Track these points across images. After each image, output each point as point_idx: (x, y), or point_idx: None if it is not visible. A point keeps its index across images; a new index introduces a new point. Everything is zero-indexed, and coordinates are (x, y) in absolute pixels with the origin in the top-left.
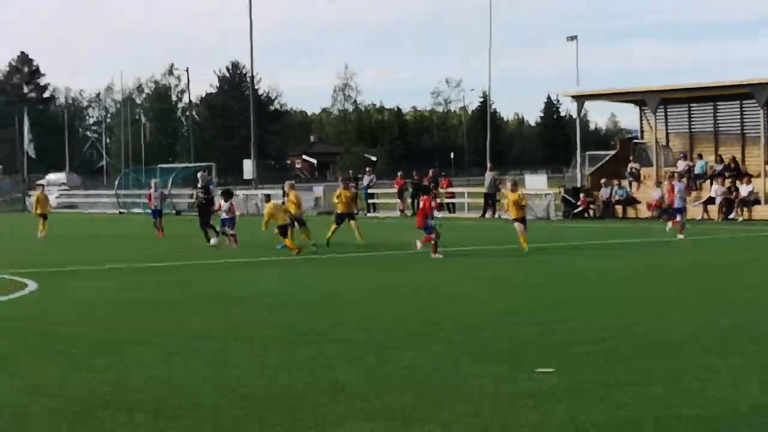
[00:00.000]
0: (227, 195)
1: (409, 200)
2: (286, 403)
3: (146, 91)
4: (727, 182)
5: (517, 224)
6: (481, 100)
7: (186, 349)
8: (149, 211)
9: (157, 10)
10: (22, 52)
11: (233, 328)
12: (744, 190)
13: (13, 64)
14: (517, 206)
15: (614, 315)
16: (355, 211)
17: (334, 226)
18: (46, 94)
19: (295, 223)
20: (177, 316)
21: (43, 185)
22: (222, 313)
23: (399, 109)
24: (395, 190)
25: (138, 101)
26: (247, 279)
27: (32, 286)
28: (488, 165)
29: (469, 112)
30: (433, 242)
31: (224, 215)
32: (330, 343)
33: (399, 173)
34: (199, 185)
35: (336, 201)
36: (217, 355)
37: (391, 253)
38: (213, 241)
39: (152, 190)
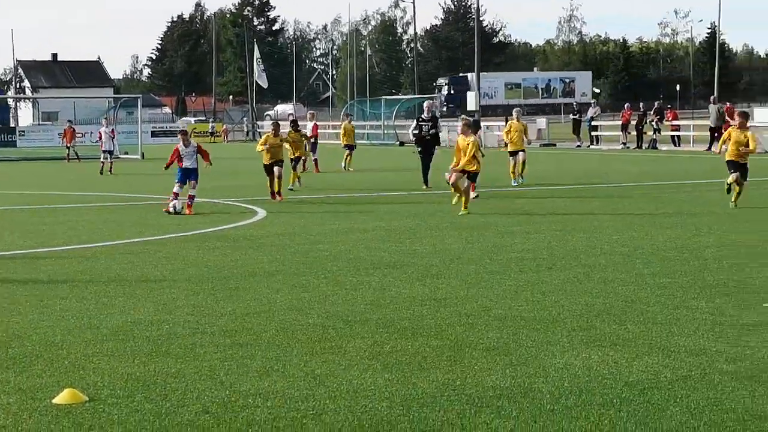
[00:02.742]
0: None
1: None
2: (539, 326)
3: (372, 23)
4: None
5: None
6: (709, 30)
7: (444, 270)
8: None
9: None
10: None
11: (488, 252)
12: None
13: None
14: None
15: None
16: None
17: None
18: (275, 27)
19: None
20: (434, 240)
21: (350, 116)
22: (477, 237)
23: (624, 41)
24: (620, 123)
25: (364, 33)
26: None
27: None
28: (712, 98)
29: (696, 44)
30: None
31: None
32: (576, 268)
33: (626, 105)
34: (424, 115)
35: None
36: (473, 276)
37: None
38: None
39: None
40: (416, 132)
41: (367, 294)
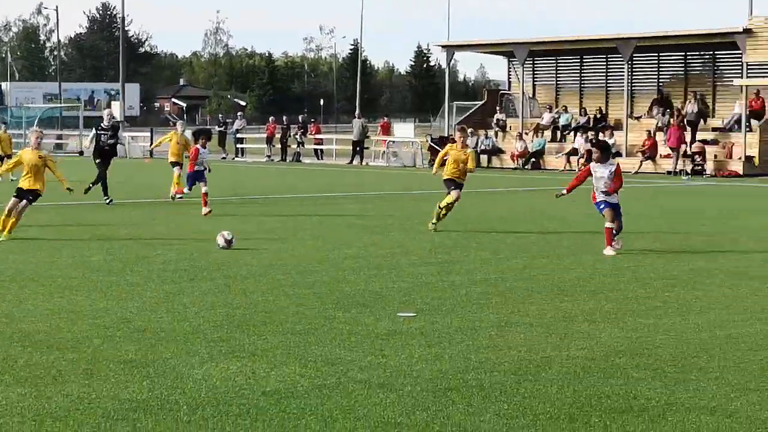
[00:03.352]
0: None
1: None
2: (178, 337)
3: (14, 29)
4: (590, 134)
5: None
6: (352, 47)
7: (84, 282)
8: None
9: None
10: None
11: (130, 263)
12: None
13: None
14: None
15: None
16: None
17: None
18: None
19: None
20: (73, 251)
21: (5, 124)
22: (119, 248)
23: (270, 55)
24: (265, 135)
25: (5, 39)
26: (132, 221)
27: None
28: (356, 113)
29: (340, 60)
30: None
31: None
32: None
33: (271, 119)
34: (104, 124)
35: None
36: (113, 288)
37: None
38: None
39: None
40: (93, 141)
41: (2, 307)
